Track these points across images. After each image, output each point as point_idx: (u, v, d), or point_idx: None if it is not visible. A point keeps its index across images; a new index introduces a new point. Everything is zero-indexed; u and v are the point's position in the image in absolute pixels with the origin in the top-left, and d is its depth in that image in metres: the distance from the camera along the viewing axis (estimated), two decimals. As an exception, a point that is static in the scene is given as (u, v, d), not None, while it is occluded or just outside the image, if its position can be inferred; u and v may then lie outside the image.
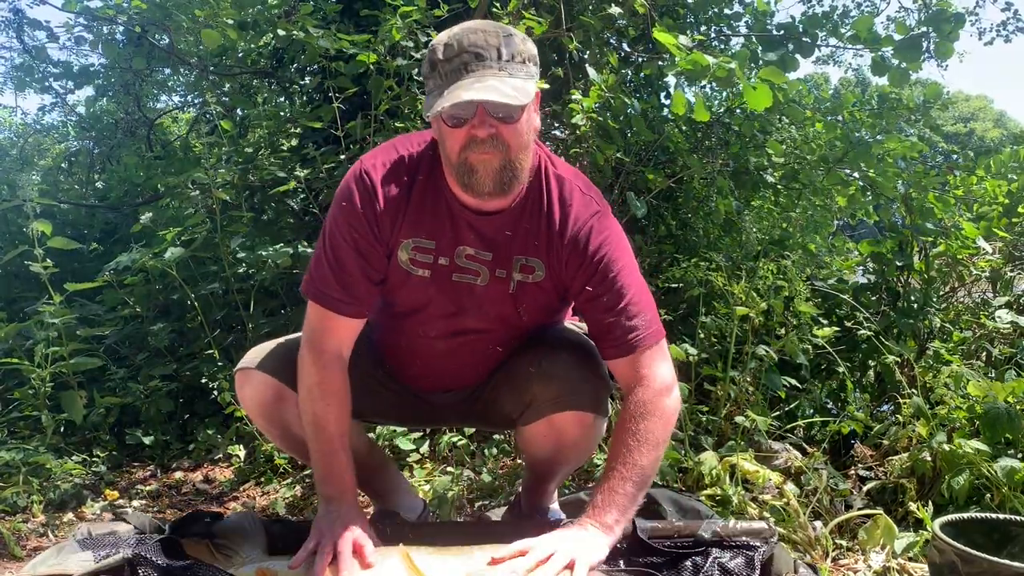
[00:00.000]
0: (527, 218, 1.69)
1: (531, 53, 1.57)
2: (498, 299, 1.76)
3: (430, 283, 1.74)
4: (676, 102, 3.15)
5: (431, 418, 2.24)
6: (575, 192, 1.71)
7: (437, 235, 1.71)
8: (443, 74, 1.51)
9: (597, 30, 3.83)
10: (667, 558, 1.63)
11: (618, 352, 1.69)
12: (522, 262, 1.72)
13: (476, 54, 1.50)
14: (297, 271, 3.50)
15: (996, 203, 3.87)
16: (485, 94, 1.46)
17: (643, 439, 1.63)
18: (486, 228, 1.69)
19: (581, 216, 1.69)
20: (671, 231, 4.44)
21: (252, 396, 1.86)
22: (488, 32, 1.52)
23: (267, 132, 4.33)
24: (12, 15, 5.87)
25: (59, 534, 2.52)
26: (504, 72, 1.50)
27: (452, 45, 1.52)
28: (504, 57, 1.51)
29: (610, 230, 1.71)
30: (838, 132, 4.18)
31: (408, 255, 1.71)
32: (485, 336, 1.84)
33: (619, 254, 1.70)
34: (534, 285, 1.74)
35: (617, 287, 1.68)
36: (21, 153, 8.41)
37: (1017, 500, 2.32)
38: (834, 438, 2.97)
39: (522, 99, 1.49)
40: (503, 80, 1.49)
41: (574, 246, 1.68)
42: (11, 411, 3.27)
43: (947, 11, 3.76)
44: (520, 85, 1.50)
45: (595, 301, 1.69)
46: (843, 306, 3.68)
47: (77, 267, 4.52)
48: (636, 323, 1.68)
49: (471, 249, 1.71)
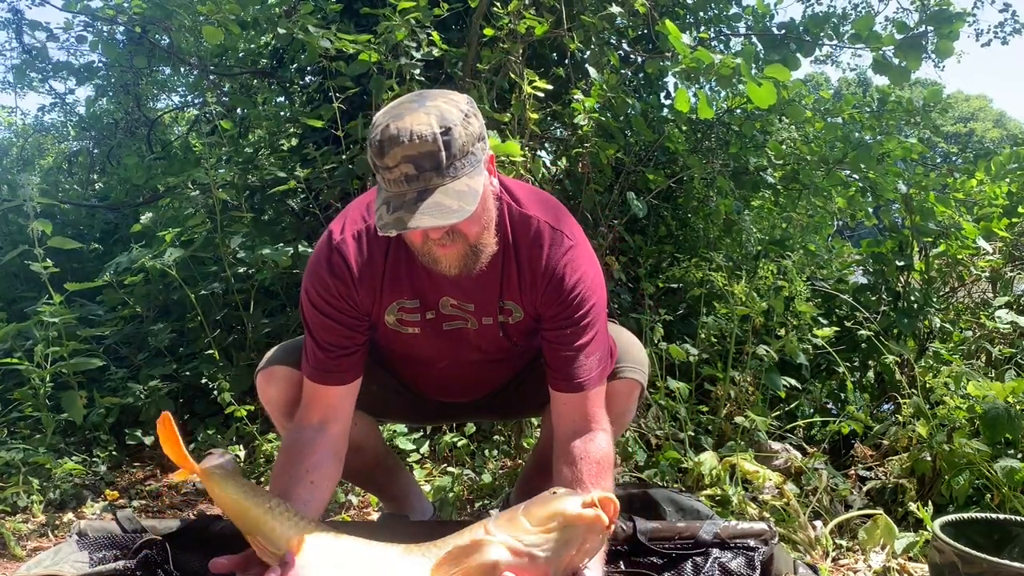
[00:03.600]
0: (500, 266, 1.67)
1: (475, 135, 1.48)
2: (491, 338, 1.78)
3: (421, 337, 1.76)
4: (679, 100, 3.14)
5: (453, 416, 2.31)
6: (544, 231, 1.67)
7: (419, 293, 1.70)
8: (386, 180, 1.45)
9: (598, 30, 3.83)
10: (667, 559, 1.63)
11: (568, 387, 1.68)
12: (501, 306, 1.72)
13: (415, 164, 1.41)
14: (297, 271, 3.50)
15: (996, 204, 3.87)
16: (430, 219, 1.40)
17: (602, 473, 1.63)
18: (463, 282, 1.66)
19: (554, 256, 1.66)
20: (671, 231, 4.44)
21: (276, 395, 1.83)
22: (425, 137, 1.40)
23: (267, 132, 4.33)
24: (12, 15, 5.87)
25: (59, 534, 2.52)
26: (447, 178, 1.42)
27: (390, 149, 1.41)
28: (444, 163, 1.41)
29: (585, 266, 1.69)
30: (838, 133, 4.19)
31: (395, 317, 1.72)
32: (490, 362, 1.86)
33: (592, 292, 1.69)
34: (514, 324, 1.75)
35: (584, 325, 1.67)
36: (21, 153, 8.41)
37: (1017, 500, 2.32)
38: (834, 438, 2.97)
39: (468, 207, 1.42)
40: (447, 190, 1.42)
41: (549, 285, 1.67)
42: (11, 411, 3.27)
43: (947, 10, 3.76)
44: (465, 188, 1.43)
45: (560, 332, 1.69)
46: (843, 306, 3.69)
47: (77, 267, 4.52)
48: (591, 362, 1.68)
49: (453, 300, 1.71)
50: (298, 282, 3.70)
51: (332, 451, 1.68)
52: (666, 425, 2.94)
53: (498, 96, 3.65)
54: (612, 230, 3.57)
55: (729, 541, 1.64)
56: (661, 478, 2.63)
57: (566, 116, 3.70)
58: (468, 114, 1.47)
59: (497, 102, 3.61)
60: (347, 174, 3.52)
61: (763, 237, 4.72)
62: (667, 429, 2.92)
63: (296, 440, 1.68)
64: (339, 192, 3.56)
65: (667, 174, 4.01)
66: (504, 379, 1.99)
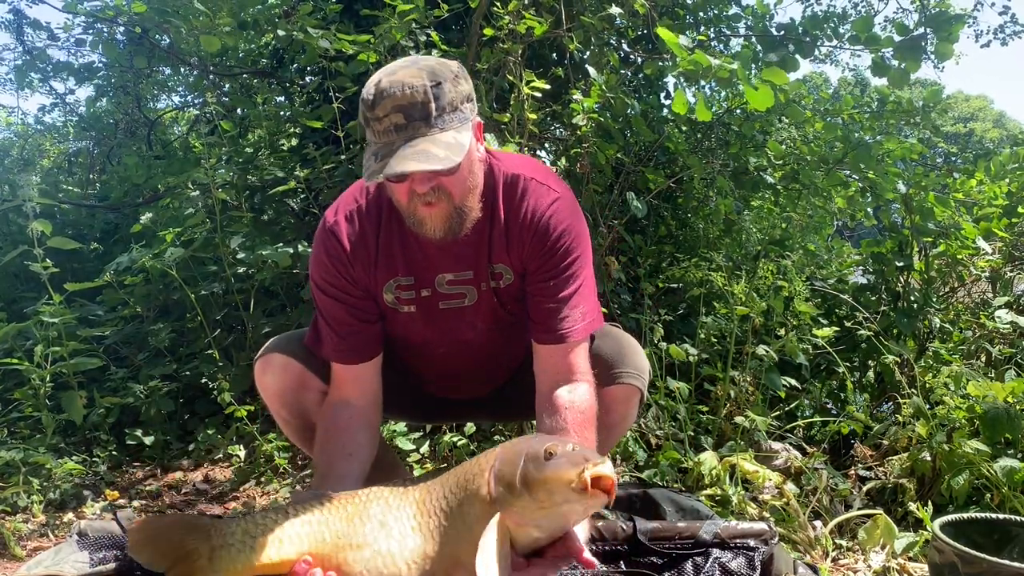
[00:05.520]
0: (489, 226, 1.71)
1: (463, 94, 1.53)
2: (487, 311, 1.79)
3: (418, 317, 1.79)
4: (677, 102, 3.15)
5: (453, 415, 2.33)
6: (529, 184, 1.71)
7: (413, 270, 1.74)
8: (376, 132, 1.49)
9: (597, 30, 3.83)
10: (667, 559, 1.63)
11: (551, 339, 1.70)
12: (492, 270, 1.75)
13: (406, 115, 1.46)
14: (297, 271, 3.50)
15: (995, 204, 3.87)
16: (416, 163, 1.44)
17: (586, 424, 1.65)
18: (455, 247, 1.70)
19: (540, 206, 1.70)
20: (671, 231, 4.44)
21: (272, 383, 1.87)
22: (416, 88, 1.46)
23: (267, 132, 4.33)
24: (12, 16, 5.86)
25: (59, 534, 2.52)
26: (435, 129, 1.47)
27: (381, 100, 1.47)
28: (434, 113, 1.47)
29: (571, 218, 1.73)
30: (838, 133, 4.19)
31: (392, 295, 1.76)
32: (487, 343, 1.87)
33: (577, 243, 1.72)
34: (506, 288, 1.77)
35: (567, 276, 1.70)
36: (21, 153, 8.41)
37: (1017, 500, 2.32)
38: (834, 438, 2.97)
39: (454, 157, 1.46)
40: (434, 139, 1.46)
41: (535, 236, 1.70)
42: (11, 411, 3.27)
43: (947, 12, 3.76)
44: (452, 140, 1.48)
45: (544, 284, 1.71)
46: (843, 306, 3.69)
47: (77, 267, 4.51)
48: (575, 314, 1.70)
49: (450, 275, 1.74)
50: (298, 282, 3.73)
51: (364, 423, 1.75)
52: (666, 425, 2.94)
53: (497, 96, 3.65)
54: (612, 230, 3.57)
55: (729, 541, 1.64)
56: (661, 478, 2.64)
57: (565, 116, 3.70)
58: (459, 75, 1.54)
59: (496, 102, 3.61)
60: (347, 174, 3.52)
61: (763, 237, 4.73)
62: (667, 429, 2.92)
63: (329, 420, 1.75)
64: (339, 192, 3.55)
65: (667, 174, 4.01)
66: (503, 370, 1.99)
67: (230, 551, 1.42)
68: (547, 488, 1.31)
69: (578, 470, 1.27)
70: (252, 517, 1.47)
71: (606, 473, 1.27)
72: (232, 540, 1.43)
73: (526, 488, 1.32)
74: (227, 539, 1.43)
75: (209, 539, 1.42)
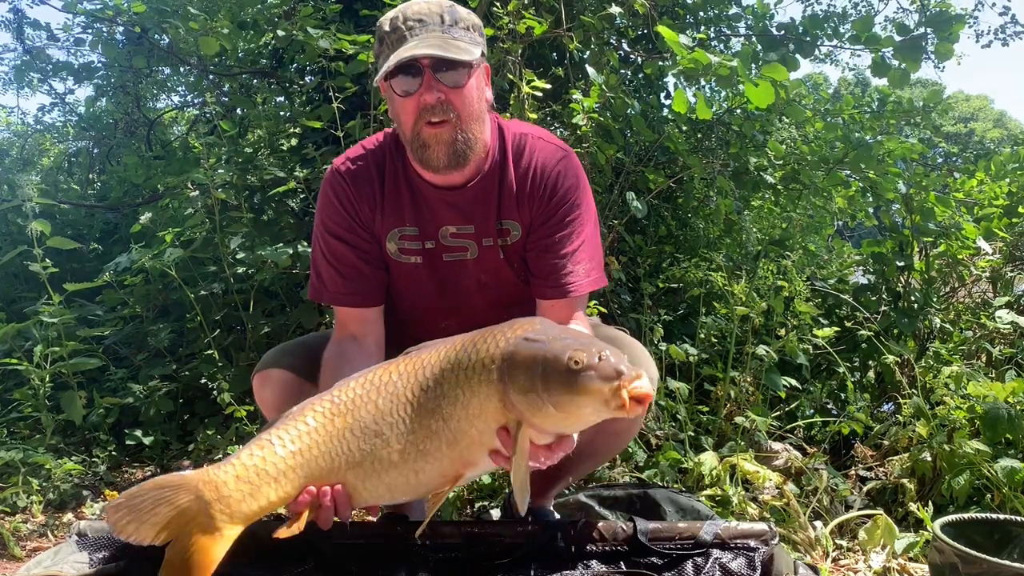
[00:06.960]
0: (497, 181, 1.75)
1: (475, 23, 1.64)
2: (491, 267, 1.81)
3: (423, 267, 1.80)
4: (677, 101, 3.15)
5: None
6: (538, 143, 1.77)
7: (418, 221, 1.77)
8: (389, 43, 1.59)
9: (597, 30, 3.83)
10: (668, 559, 1.63)
11: (555, 293, 1.74)
12: (500, 226, 1.77)
13: (419, 20, 1.57)
14: (297, 271, 3.49)
15: (996, 204, 3.87)
16: (427, 49, 1.52)
17: None
18: (460, 201, 1.74)
19: (549, 162, 1.75)
20: (671, 231, 4.44)
21: (271, 397, 1.85)
22: (432, 4, 1.60)
23: (267, 132, 4.32)
24: (12, 15, 5.86)
25: (59, 534, 2.52)
26: (448, 35, 1.57)
27: (397, 17, 1.60)
28: (447, 22, 1.58)
29: (578, 175, 1.78)
30: (838, 133, 4.18)
31: (396, 245, 1.78)
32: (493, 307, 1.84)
33: (581, 199, 1.77)
34: (513, 245, 1.80)
35: (571, 232, 1.74)
36: (21, 153, 8.39)
37: (1017, 500, 2.32)
38: (834, 438, 2.97)
39: (464, 56, 1.54)
40: (447, 40, 1.56)
41: (544, 190, 1.74)
42: (11, 411, 3.27)
43: (947, 12, 3.76)
44: (464, 47, 1.57)
45: (548, 240, 1.74)
46: (843, 306, 3.69)
47: (77, 267, 4.51)
48: (579, 270, 1.73)
49: (453, 227, 1.77)
50: (298, 282, 3.72)
51: (372, 356, 1.72)
52: (666, 425, 2.94)
53: (497, 96, 3.64)
54: (612, 230, 3.57)
55: (729, 541, 1.63)
56: (661, 478, 2.63)
57: (565, 116, 3.70)
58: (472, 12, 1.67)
59: (496, 102, 3.61)
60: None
61: (763, 237, 4.72)
62: (667, 429, 2.91)
63: (335, 352, 1.75)
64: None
65: (667, 174, 4.01)
66: None
67: (228, 503, 1.34)
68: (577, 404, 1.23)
69: (612, 386, 1.19)
70: (239, 459, 1.38)
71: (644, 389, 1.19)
72: (226, 491, 1.34)
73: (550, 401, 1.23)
74: (220, 491, 1.34)
75: (199, 493, 1.33)
